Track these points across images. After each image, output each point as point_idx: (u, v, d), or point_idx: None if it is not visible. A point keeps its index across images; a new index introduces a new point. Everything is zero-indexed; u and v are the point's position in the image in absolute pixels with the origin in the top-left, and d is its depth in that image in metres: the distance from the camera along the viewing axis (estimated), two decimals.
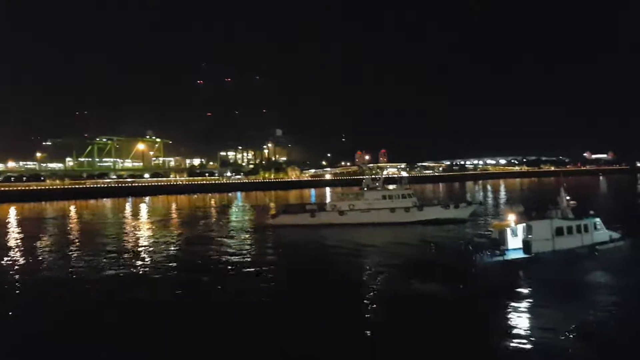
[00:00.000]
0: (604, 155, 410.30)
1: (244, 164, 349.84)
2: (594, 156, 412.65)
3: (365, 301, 26.08)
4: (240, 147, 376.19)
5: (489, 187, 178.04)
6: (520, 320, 22.06)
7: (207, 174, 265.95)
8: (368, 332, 21.61)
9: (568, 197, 33.54)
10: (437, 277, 27.99)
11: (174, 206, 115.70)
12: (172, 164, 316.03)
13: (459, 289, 26.40)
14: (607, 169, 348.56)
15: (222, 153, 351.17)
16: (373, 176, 77.66)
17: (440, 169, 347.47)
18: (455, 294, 25.90)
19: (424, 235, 48.21)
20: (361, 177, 74.81)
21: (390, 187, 64.55)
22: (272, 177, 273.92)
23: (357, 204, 60.98)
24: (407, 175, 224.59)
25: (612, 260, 31.61)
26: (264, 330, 22.27)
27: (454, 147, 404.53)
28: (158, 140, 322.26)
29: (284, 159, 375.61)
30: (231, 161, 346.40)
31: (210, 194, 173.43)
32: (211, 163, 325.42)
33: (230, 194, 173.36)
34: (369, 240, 47.59)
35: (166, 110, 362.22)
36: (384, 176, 73.17)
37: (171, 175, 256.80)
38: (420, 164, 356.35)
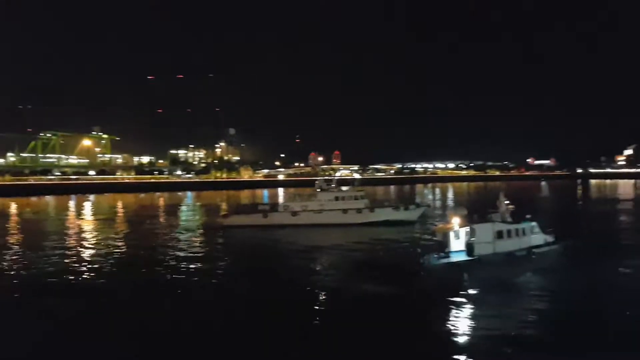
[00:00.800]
0: (547, 162, 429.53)
1: (195, 162, 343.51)
2: (536, 162, 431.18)
3: (312, 302, 25.91)
4: (191, 146, 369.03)
5: (437, 190, 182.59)
6: (462, 321, 22.48)
7: (156, 173, 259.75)
8: (314, 332, 21.51)
9: (507, 202, 34.69)
10: (385, 279, 28.23)
11: (120, 205, 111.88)
12: (120, 161, 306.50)
13: (406, 290, 26.70)
14: (549, 174, 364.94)
15: (173, 151, 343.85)
16: (326, 177, 77.94)
17: (392, 171, 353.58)
18: (402, 295, 26.17)
19: (375, 237, 48.63)
20: (314, 178, 74.90)
21: (343, 188, 64.89)
22: (224, 176, 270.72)
23: (310, 205, 60.98)
24: (359, 177, 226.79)
25: (547, 263, 32.98)
26: (205, 332, 21.74)
27: (405, 150, 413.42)
28: (105, 136, 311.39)
29: (237, 158, 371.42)
30: (182, 160, 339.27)
31: (159, 193, 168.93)
32: (161, 161, 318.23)
33: (180, 193, 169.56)
34: (320, 241, 47.57)
35: (115, 106, 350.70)
36: (337, 177, 73.48)
37: (118, 173, 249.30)
38: (372, 166, 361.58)
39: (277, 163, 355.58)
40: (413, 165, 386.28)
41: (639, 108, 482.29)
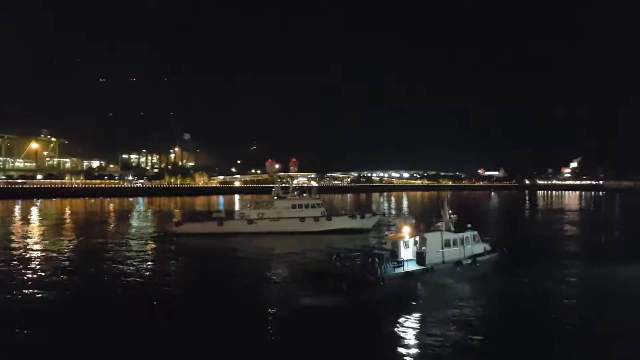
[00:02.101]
0: (496, 173, 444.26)
1: (147, 168, 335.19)
2: (487, 173, 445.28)
3: (264, 313, 25.29)
4: (144, 150, 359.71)
5: (392, 199, 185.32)
6: (416, 331, 22.54)
7: (106, 177, 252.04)
8: (264, 343, 21.04)
9: (450, 211, 35.41)
10: (339, 288, 27.91)
11: (68, 211, 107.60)
12: (68, 165, 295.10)
13: (361, 301, 26.43)
14: (499, 185, 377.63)
15: (124, 156, 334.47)
16: (283, 185, 77.43)
17: (349, 180, 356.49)
18: (356, 305, 25.86)
19: (331, 245, 48.59)
20: (271, 185, 74.25)
21: (302, 195, 64.66)
22: (178, 182, 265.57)
23: (267, 213, 60.32)
24: (316, 185, 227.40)
25: (489, 271, 34.09)
26: (150, 344, 20.93)
27: (362, 159, 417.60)
28: (54, 139, 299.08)
29: (192, 164, 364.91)
30: (134, 165, 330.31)
31: (109, 199, 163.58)
32: (112, 166, 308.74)
33: (131, 199, 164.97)
34: (276, 250, 47.06)
35: (64, 108, 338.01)
36: (294, 185, 73.08)
37: (67, 178, 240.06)
38: (329, 174, 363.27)
39: (234, 169, 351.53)
40: (369, 174, 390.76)
41: (585, 123, 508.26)
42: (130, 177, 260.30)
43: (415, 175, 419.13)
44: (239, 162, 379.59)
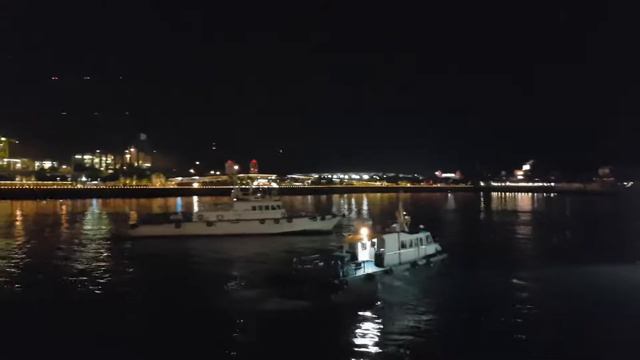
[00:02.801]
0: (453, 175, 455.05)
1: (102, 169, 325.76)
2: (444, 175, 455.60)
3: (224, 318, 24.58)
4: (98, 151, 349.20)
5: (353, 201, 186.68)
6: (380, 334, 22.33)
7: (59, 179, 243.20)
8: (224, 350, 20.56)
9: (404, 213, 35.96)
10: (300, 291, 27.61)
11: (18, 212, 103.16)
12: (19, 166, 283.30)
13: (321, 304, 26.15)
14: (456, 187, 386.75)
15: (78, 156, 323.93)
16: (243, 186, 76.67)
17: (309, 181, 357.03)
18: (317, 308, 25.55)
19: (291, 247, 48.32)
20: (231, 187, 73.27)
21: (261, 198, 64.16)
22: (134, 184, 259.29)
23: (226, 215, 59.51)
24: (277, 186, 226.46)
25: (442, 270, 34.87)
26: (99, 353, 20.27)
27: (323, 161, 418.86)
28: (3, 139, 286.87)
29: (148, 165, 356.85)
30: (88, 166, 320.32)
31: (61, 200, 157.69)
32: (64, 167, 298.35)
33: (85, 201, 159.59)
34: (236, 253, 46.36)
35: (15, 107, 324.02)
36: (254, 186, 72.55)
37: (17, 179, 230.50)
38: (290, 175, 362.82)
39: (192, 171, 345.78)
40: (330, 176, 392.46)
41: (537, 126, 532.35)
42: (84, 178, 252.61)
43: (375, 177, 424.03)
44: (197, 163, 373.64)
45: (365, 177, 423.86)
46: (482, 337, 22.03)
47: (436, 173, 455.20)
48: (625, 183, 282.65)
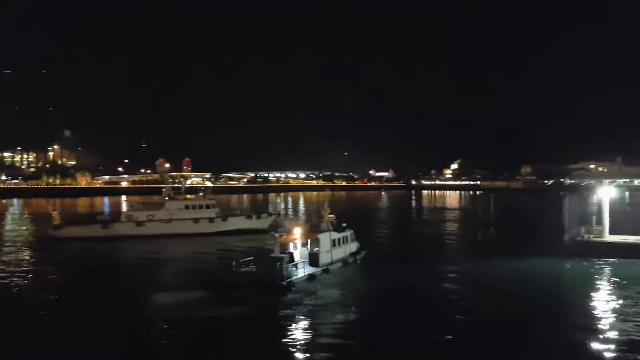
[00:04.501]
0: (386, 173, 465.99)
1: (23, 167, 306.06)
2: (377, 174, 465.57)
3: (156, 325, 22.99)
4: (19, 148, 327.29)
5: (289, 199, 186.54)
6: (319, 335, 22.00)
7: None
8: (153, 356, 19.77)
9: (329, 211, 36.37)
10: (236, 294, 26.84)
11: None
12: None
13: (267, 308, 25.49)
14: (389, 185, 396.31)
15: None
16: (175, 185, 74.31)
17: (245, 180, 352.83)
18: (255, 311, 24.93)
19: (227, 247, 47.46)
20: (162, 186, 70.79)
21: (194, 197, 62.59)
22: (58, 182, 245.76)
23: (157, 214, 57.43)
24: (211, 185, 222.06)
25: (368, 268, 35.54)
26: None
27: (259, 159, 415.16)
28: None
29: (73, 163, 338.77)
30: (7, 164, 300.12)
31: None
32: None
33: (4, 201, 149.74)
34: (168, 254, 44.82)
35: None
36: (188, 185, 70.62)
37: None
38: (225, 174, 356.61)
39: (120, 169, 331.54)
40: (266, 174, 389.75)
41: (466, 125, 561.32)
42: (4, 177, 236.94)
43: (311, 175, 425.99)
44: (126, 161, 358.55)
45: (302, 175, 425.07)
46: (422, 328, 22.70)
47: (370, 172, 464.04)
48: (546, 181, 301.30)
